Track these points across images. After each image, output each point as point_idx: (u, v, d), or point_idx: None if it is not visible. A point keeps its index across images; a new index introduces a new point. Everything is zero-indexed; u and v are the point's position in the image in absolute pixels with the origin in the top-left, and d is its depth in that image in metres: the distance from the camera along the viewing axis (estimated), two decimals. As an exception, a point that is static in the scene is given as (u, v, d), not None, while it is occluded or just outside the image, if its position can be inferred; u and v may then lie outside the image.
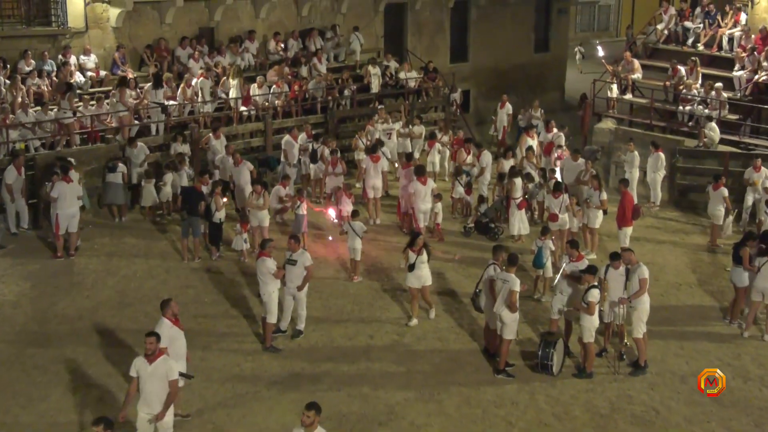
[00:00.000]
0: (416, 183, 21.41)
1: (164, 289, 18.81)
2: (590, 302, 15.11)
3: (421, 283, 17.17)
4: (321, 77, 28.65)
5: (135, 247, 21.23)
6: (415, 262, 16.93)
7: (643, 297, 15.68)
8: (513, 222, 21.86)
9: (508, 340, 15.51)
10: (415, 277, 17.10)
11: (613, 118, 28.95)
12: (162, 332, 12.95)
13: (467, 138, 26.34)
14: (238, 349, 16.36)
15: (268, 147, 26.33)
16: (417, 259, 16.92)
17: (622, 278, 15.85)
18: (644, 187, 25.12)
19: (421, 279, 17.14)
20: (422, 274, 17.10)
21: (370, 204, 23.36)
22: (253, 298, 18.23)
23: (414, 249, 17.01)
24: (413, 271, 17.03)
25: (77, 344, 16.34)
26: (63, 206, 20.04)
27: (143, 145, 23.49)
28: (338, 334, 17.12)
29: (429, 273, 17.25)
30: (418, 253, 16.95)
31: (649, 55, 31.82)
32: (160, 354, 12.27)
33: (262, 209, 20.29)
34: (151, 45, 27.01)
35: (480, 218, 22.71)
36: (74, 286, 18.99)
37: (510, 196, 22.03)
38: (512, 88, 36.68)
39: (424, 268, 17.06)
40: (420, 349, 16.62)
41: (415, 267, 16.97)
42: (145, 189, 22.82)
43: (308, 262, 16.39)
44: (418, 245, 16.99)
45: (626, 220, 20.39)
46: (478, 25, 36.36)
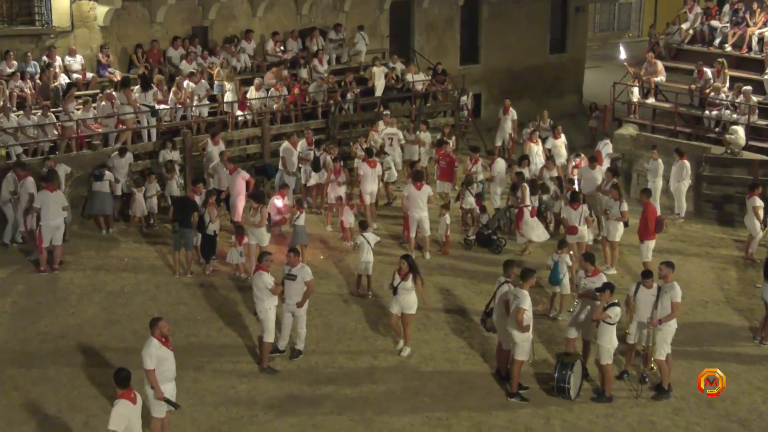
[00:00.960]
0: (410, 187, 21.55)
1: (154, 305, 18.85)
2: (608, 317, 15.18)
3: (400, 311, 16.82)
4: (322, 80, 28.73)
5: (123, 261, 21.28)
6: (398, 286, 16.62)
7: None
8: (527, 230, 21.94)
9: (520, 362, 15.52)
10: (397, 303, 16.75)
11: (635, 123, 28.99)
12: (149, 353, 13.03)
13: (473, 147, 26.41)
14: (233, 371, 16.38)
15: (266, 154, 26.39)
16: (400, 284, 16.57)
17: (653, 299, 15.75)
18: (668, 197, 25.14)
19: (402, 306, 16.73)
20: (404, 302, 16.68)
21: (367, 210, 23.45)
22: (250, 315, 18.25)
23: (399, 272, 16.66)
24: (396, 295, 16.69)
25: (61, 364, 16.35)
26: (47, 217, 20.03)
27: (130, 154, 23.60)
28: (340, 354, 17.13)
29: (414, 301, 16.73)
30: (402, 277, 16.57)
31: (673, 56, 31.87)
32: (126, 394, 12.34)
33: (258, 226, 20.03)
34: (141, 45, 27.11)
35: (481, 230, 22.72)
36: (58, 302, 19.01)
37: (521, 204, 22.08)
38: (526, 91, 36.84)
39: (407, 296, 16.61)
40: (427, 371, 16.63)
41: (397, 292, 16.65)
42: (134, 198, 22.90)
43: (308, 276, 16.40)
44: (403, 269, 16.55)
45: (649, 232, 20.37)
46: (490, 24, 36.44)
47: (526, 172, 23.82)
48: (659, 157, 24.70)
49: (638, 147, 27.10)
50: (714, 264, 22.12)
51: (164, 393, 13.19)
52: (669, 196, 25.10)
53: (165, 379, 13.28)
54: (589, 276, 16.23)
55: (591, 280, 16.11)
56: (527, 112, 32.79)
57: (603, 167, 24.33)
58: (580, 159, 25.01)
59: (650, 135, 27.99)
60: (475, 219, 23.33)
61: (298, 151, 24.77)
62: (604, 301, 15.31)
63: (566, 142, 27.14)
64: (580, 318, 16.23)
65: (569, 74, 39.59)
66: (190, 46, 27.77)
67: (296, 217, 20.72)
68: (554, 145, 26.60)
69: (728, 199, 24.97)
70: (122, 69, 26.87)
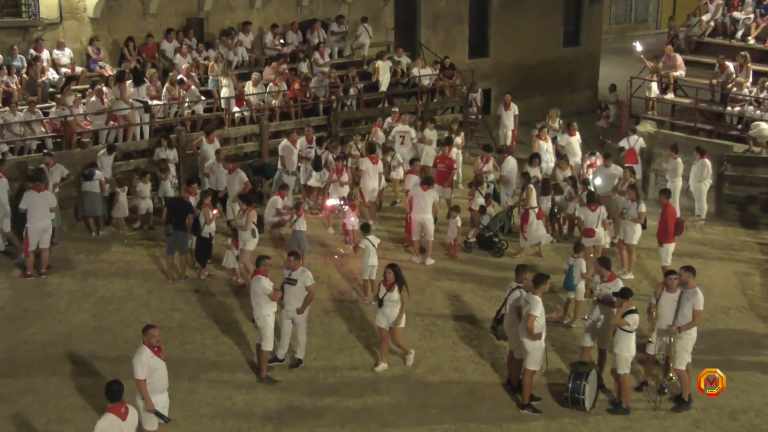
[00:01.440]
0: (417, 188, 21.60)
1: (146, 312, 18.83)
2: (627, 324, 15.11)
3: (388, 324, 16.47)
4: (323, 74, 28.71)
5: (114, 265, 21.26)
6: (384, 298, 16.35)
7: None
8: (531, 233, 21.91)
9: (531, 371, 15.47)
10: (383, 316, 16.43)
11: (653, 120, 28.94)
12: (141, 361, 13.01)
13: (485, 145, 26.38)
14: (230, 381, 16.35)
15: (264, 153, 26.39)
16: (386, 296, 16.28)
17: (674, 305, 15.63)
18: (688, 198, 25.09)
19: (390, 319, 16.40)
20: (391, 314, 16.35)
21: (366, 209, 23.47)
22: (247, 322, 18.23)
23: (385, 282, 16.38)
24: (381, 307, 16.40)
25: (49, 374, 16.33)
26: (33, 219, 20.03)
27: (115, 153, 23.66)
28: (342, 363, 17.11)
29: (401, 314, 16.44)
30: (388, 288, 16.27)
31: (693, 49, 31.84)
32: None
33: (243, 230, 19.96)
34: (132, 38, 27.09)
35: (482, 231, 22.68)
36: (46, 308, 19.00)
37: (526, 205, 22.04)
38: (538, 87, 36.85)
39: (393, 308, 16.29)
40: (434, 381, 16.59)
41: (383, 304, 16.36)
42: (118, 198, 22.88)
43: (309, 281, 16.37)
44: (389, 279, 16.24)
45: (668, 235, 20.31)
46: (500, 16, 36.45)
47: (537, 172, 23.75)
48: (678, 156, 24.64)
49: (656, 145, 27.05)
50: (736, 268, 22.07)
51: (156, 405, 13.15)
52: (689, 196, 25.05)
53: (156, 390, 13.25)
54: (605, 281, 16.17)
55: (607, 286, 16.05)
56: (539, 109, 32.73)
57: (639, 165, 24.47)
58: (595, 158, 24.95)
59: (669, 132, 27.94)
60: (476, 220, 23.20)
61: (298, 150, 24.74)
62: (621, 307, 15.24)
63: (580, 139, 27.09)
64: (596, 325, 16.16)
65: (583, 69, 39.59)
66: (185, 39, 27.77)
67: (295, 222, 20.64)
68: (569, 142, 26.55)
69: (751, 200, 24.93)
70: (113, 63, 26.88)
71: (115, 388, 12.21)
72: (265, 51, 29.72)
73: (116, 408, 12.09)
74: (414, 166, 23.39)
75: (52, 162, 22.00)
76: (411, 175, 22.89)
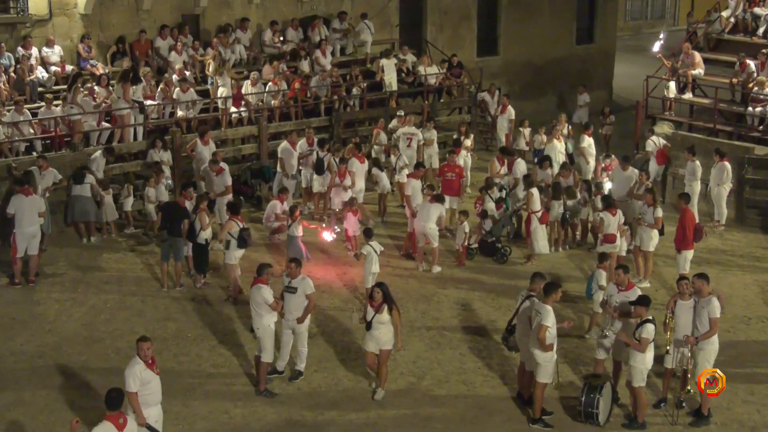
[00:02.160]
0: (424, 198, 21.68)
1: (140, 322, 18.86)
2: (643, 339, 15.04)
3: (379, 347, 15.89)
4: (325, 73, 28.75)
5: (106, 273, 21.31)
6: (372, 320, 15.80)
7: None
8: (533, 239, 21.95)
9: (543, 384, 15.46)
10: (373, 340, 15.89)
11: (670, 121, 28.95)
12: (133, 373, 13.05)
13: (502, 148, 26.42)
14: (227, 393, 16.36)
15: (263, 155, 26.43)
16: (375, 317, 15.73)
17: (691, 313, 15.62)
18: (707, 202, 25.10)
19: (380, 342, 15.85)
20: (381, 337, 15.83)
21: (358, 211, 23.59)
22: (245, 332, 18.26)
23: (372, 302, 15.86)
24: (370, 330, 15.86)
25: (37, 386, 16.34)
26: (21, 224, 20.09)
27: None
28: (345, 375, 17.11)
29: (391, 336, 15.87)
30: (377, 309, 15.72)
31: (712, 47, 31.84)
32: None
33: (219, 241, 20.09)
34: (123, 36, 27.14)
35: (485, 237, 22.68)
36: (34, 318, 19.04)
37: (529, 209, 22.06)
38: (550, 86, 36.92)
39: (383, 330, 15.78)
40: (441, 394, 16.59)
41: (372, 326, 15.83)
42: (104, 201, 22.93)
43: (310, 289, 16.38)
44: (377, 299, 15.68)
45: (687, 241, 20.30)
46: (510, 12, 36.52)
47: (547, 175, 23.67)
48: (697, 159, 24.64)
49: (674, 147, 27.04)
50: (758, 276, 22.05)
51: (148, 418, 13.17)
52: (708, 201, 25.05)
53: (149, 403, 13.25)
54: (622, 290, 16.15)
55: (625, 295, 16.04)
56: (551, 109, 32.87)
57: (653, 167, 24.68)
58: (610, 160, 24.94)
59: (687, 134, 27.96)
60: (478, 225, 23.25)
61: (298, 152, 24.76)
62: (637, 317, 15.24)
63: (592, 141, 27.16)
64: (611, 338, 16.14)
65: (597, 67, 39.61)
66: (180, 36, 27.81)
67: (290, 226, 20.62)
68: (589, 143, 26.61)
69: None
70: (103, 61, 26.91)
71: (115, 395, 12.24)
72: (264, 49, 29.77)
73: (114, 417, 12.11)
74: (418, 171, 23.25)
75: (46, 166, 22.05)
76: (412, 179, 22.76)
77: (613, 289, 16.34)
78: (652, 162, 26.14)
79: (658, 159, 25.83)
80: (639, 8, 57.59)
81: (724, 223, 24.86)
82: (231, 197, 22.41)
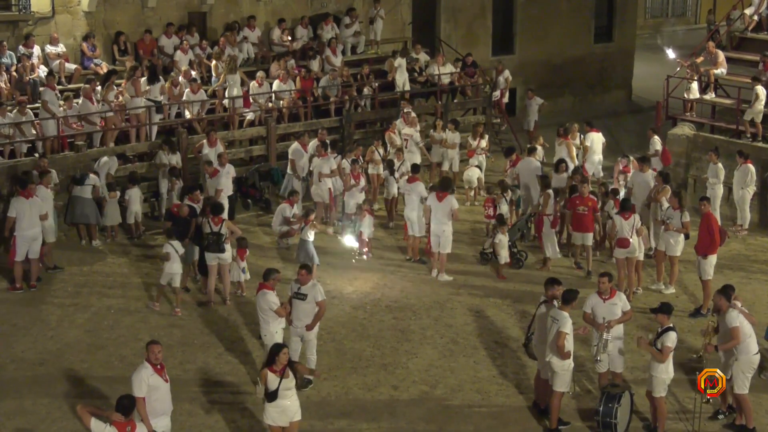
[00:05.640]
0: (432, 197, 21.50)
1: (144, 328, 18.87)
2: (666, 347, 14.99)
3: (288, 420, 14.06)
4: (335, 72, 28.74)
5: (109, 278, 21.33)
6: (279, 388, 13.80)
7: (748, 345, 15.47)
8: (546, 243, 21.90)
9: (560, 393, 15.43)
10: (278, 411, 13.95)
11: (691, 122, 28.87)
12: (140, 378, 13.09)
13: (510, 147, 26.38)
14: (234, 403, 16.36)
15: (271, 157, 26.43)
16: (281, 384, 13.79)
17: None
18: (729, 206, 25.01)
19: (288, 413, 14.04)
20: (291, 406, 14.08)
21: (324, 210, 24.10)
22: (253, 339, 18.27)
23: (274, 368, 13.82)
24: (275, 401, 13.84)
25: (39, 395, 16.36)
26: (22, 227, 20.10)
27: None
28: (355, 384, 17.09)
29: (298, 404, 14.24)
30: (281, 374, 13.83)
31: (735, 46, 31.76)
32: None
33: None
34: (123, 32, 27.12)
35: None
36: (35, 324, 19.06)
37: (542, 212, 21.98)
38: (567, 86, 36.91)
39: (291, 398, 14.04)
40: (455, 404, 16.55)
41: (277, 396, 13.83)
42: (108, 205, 22.91)
43: (320, 296, 16.36)
44: (280, 363, 13.77)
45: (711, 245, 20.16)
46: (526, 10, 36.49)
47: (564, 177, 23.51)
48: (719, 161, 24.55)
49: (695, 149, 26.98)
50: (782, 283, 22.01)
51: (155, 428, 13.15)
52: (731, 204, 24.98)
53: (156, 412, 13.26)
54: (607, 299, 16.04)
55: (611, 302, 15.95)
56: (568, 110, 32.79)
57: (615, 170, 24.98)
58: (627, 161, 24.84)
59: (709, 135, 27.90)
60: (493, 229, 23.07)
61: (309, 153, 24.74)
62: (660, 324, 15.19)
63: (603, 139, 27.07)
64: (608, 349, 16.04)
65: (616, 66, 39.56)
66: (186, 35, 27.82)
67: (302, 230, 20.62)
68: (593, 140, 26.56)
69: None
70: (108, 60, 26.95)
71: (125, 402, 12.30)
72: (272, 47, 29.77)
73: (122, 425, 12.14)
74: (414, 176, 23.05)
75: (45, 163, 22.04)
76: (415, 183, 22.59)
77: (596, 299, 16.12)
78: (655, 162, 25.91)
79: (664, 159, 25.68)
80: (659, 5, 57.47)
81: (747, 227, 24.77)
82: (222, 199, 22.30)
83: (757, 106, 26.40)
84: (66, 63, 25.86)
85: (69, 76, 25.82)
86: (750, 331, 15.51)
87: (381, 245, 23.26)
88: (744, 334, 15.41)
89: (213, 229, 19.59)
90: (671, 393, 15.91)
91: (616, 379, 16.19)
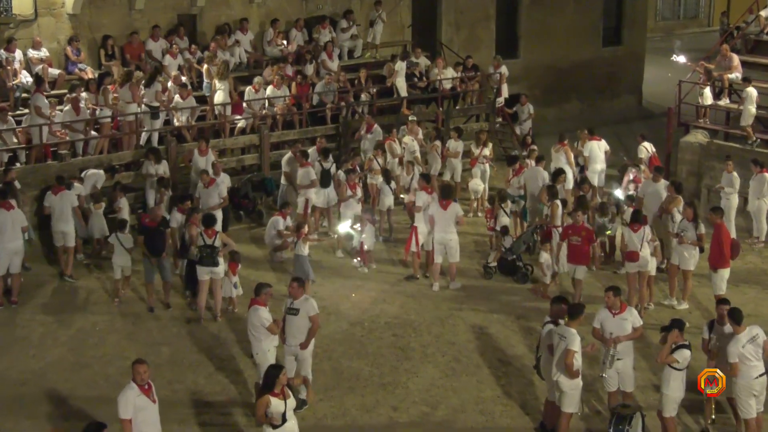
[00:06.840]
0: (435, 205, 21.49)
1: (131, 346, 18.82)
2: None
3: None
4: (331, 77, 28.73)
5: (94, 293, 21.30)
6: (285, 411, 13.77)
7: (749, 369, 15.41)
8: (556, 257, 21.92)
9: (568, 414, 15.40)
10: None
11: (704, 129, 28.86)
12: (126, 398, 13.05)
13: (512, 156, 26.37)
14: (225, 424, 16.33)
15: (265, 166, 26.41)
16: (287, 405, 13.81)
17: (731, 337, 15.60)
18: (744, 217, 24.99)
19: None
20: (293, 430, 14.02)
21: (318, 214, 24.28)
22: (245, 358, 18.21)
23: (275, 393, 13.69)
24: (284, 424, 13.73)
25: (20, 415, 16.33)
26: (3, 240, 20.06)
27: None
28: (353, 405, 17.05)
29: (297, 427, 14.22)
30: (282, 396, 13.76)
31: (750, 49, 31.79)
32: None
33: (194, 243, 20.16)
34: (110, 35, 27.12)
35: (504, 255, 22.57)
36: (17, 342, 19.04)
37: (551, 224, 21.94)
38: (574, 91, 36.91)
39: (293, 418, 14.04)
40: (457, 426, 16.52)
41: (286, 418, 13.77)
42: (93, 217, 22.78)
43: (313, 311, 16.29)
44: (280, 385, 13.71)
45: (723, 259, 20.14)
46: (531, 12, 36.54)
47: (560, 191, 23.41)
48: (734, 170, 24.51)
49: (708, 157, 26.96)
50: (800, 298, 21.98)
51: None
52: (745, 215, 24.95)
53: (142, 432, 13.24)
54: (617, 313, 15.99)
55: (621, 317, 15.91)
56: (576, 116, 32.76)
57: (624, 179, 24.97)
58: (637, 171, 24.82)
59: (723, 143, 27.86)
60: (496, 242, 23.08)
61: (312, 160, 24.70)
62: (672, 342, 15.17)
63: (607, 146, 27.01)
64: (617, 366, 16.00)
65: (626, 71, 39.57)
66: (175, 38, 27.81)
67: (296, 246, 20.57)
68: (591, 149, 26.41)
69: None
70: (95, 65, 26.94)
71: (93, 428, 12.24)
72: (266, 51, 29.77)
73: None
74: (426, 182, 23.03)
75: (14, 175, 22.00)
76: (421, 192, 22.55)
77: (606, 313, 16.07)
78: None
79: (650, 168, 25.64)
80: (670, 7, 57.47)
81: (763, 240, 24.73)
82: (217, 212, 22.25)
83: (750, 109, 26.44)
84: (49, 68, 25.80)
85: (52, 81, 25.75)
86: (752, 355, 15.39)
87: (379, 258, 23.20)
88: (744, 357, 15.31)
89: (207, 242, 19.55)
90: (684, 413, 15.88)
91: (626, 399, 16.17)
